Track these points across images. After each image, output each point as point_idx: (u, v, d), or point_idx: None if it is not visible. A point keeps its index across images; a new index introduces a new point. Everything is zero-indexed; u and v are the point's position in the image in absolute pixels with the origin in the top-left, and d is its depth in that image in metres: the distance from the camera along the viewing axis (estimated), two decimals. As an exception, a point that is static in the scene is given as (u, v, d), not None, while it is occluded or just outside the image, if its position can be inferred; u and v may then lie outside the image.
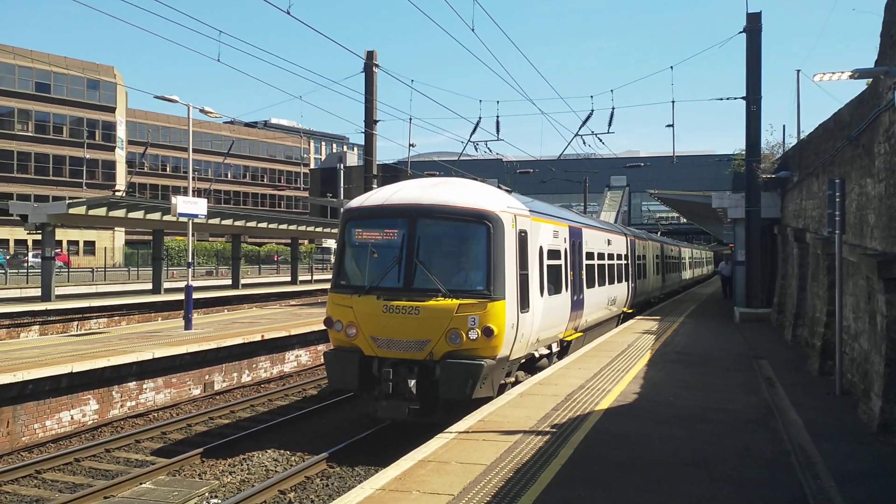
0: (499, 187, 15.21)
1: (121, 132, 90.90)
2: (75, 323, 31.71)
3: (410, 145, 35.67)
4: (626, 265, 27.99)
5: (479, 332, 12.69)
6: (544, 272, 15.52)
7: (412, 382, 12.67)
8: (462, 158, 34.08)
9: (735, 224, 32.02)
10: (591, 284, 20.83)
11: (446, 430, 10.69)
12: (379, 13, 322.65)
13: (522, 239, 14.12)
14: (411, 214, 13.49)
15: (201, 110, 25.22)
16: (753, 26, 28.17)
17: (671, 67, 31.34)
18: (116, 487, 12.17)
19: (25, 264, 56.50)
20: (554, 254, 16.67)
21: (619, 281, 26.21)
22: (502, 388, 13.85)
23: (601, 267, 22.71)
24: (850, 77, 12.15)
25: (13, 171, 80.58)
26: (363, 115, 32.82)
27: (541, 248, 15.41)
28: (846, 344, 14.29)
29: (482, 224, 13.25)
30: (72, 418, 16.50)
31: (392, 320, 13.00)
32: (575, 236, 19.13)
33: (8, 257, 64.92)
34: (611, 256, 24.61)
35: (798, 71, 38.80)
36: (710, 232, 76.38)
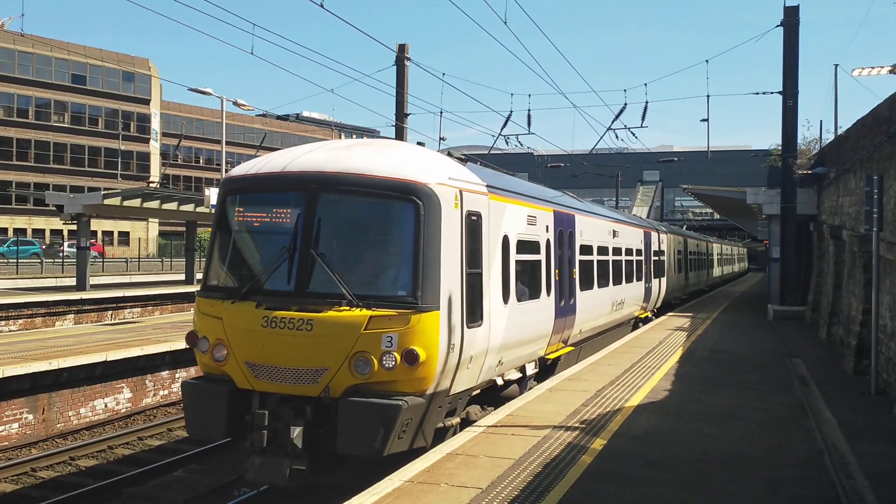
0: (448, 154, 11.72)
1: (155, 124, 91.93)
2: (109, 312, 32.15)
3: (441, 139, 35.64)
4: (640, 261, 24.57)
5: (399, 358, 9.06)
6: (511, 270, 11.92)
7: (297, 431, 9.03)
8: (493, 152, 33.99)
9: (770, 220, 31.65)
10: (587, 285, 17.24)
11: (475, 424, 10.67)
12: (411, 6, 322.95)
13: (473, 224, 10.53)
14: (310, 187, 9.77)
15: (235, 103, 25.46)
16: (791, 20, 27.79)
17: (706, 61, 30.96)
18: (148, 475, 12.33)
19: (61, 254, 57.29)
20: (528, 246, 13.03)
21: (630, 280, 22.60)
22: (442, 434, 10.35)
23: (603, 263, 19.15)
24: (890, 72, 11.97)
25: (49, 162, 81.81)
26: (394, 109, 32.87)
27: (506, 238, 11.81)
28: (882, 343, 14.07)
29: (408, 201, 9.59)
30: (105, 406, 16.75)
31: (275, 339, 9.28)
32: (564, 224, 15.47)
33: (44, 247, 65.91)
34: (617, 251, 21.02)
35: (836, 65, 38.21)
36: (745, 228, 75.66)
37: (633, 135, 32.16)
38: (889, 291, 14.09)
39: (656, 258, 27.96)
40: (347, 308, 9.18)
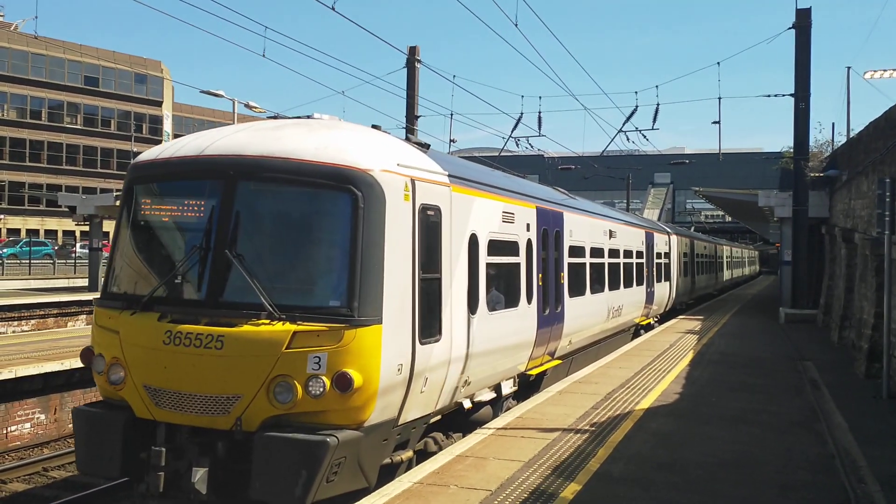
0: (406, 139, 10.12)
1: (167, 126, 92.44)
2: (121, 313, 32.25)
3: (451, 141, 35.67)
4: (641, 264, 22.95)
5: (329, 383, 7.47)
6: (480, 275, 10.37)
7: (199, 473, 7.47)
8: (503, 154, 34.04)
9: (782, 223, 31.56)
10: (578, 291, 15.67)
11: (484, 426, 10.68)
12: (422, 8, 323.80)
13: (430, 220, 8.98)
14: (227, 174, 8.13)
15: (246, 105, 25.58)
16: (803, 22, 27.74)
17: (718, 63, 30.61)
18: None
19: (73, 255, 57.64)
20: (504, 246, 11.45)
21: (629, 284, 21.00)
22: (391, 471, 8.79)
23: (597, 266, 17.56)
24: (903, 74, 11.88)
25: (62, 164, 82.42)
26: (405, 111, 32.93)
27: (473, 237, 10.22)
28: (894, 347, 14.01)
29: (343, 191, 7.97)
30: (117, 406, 16.83)
31: (179, 359, 7.67)
32: (549, 222, 13.83)
33: (56, 248, 66.30)
34: (614, 253, 19.39)
35: (848, 68, 38.03)
36: (757, 231, 75.37)
37: (644, 137, 32.10)
38: (901, 295, 14.04)
39: (660, 261, 26.69)
40: (267, 322, 7.59)
